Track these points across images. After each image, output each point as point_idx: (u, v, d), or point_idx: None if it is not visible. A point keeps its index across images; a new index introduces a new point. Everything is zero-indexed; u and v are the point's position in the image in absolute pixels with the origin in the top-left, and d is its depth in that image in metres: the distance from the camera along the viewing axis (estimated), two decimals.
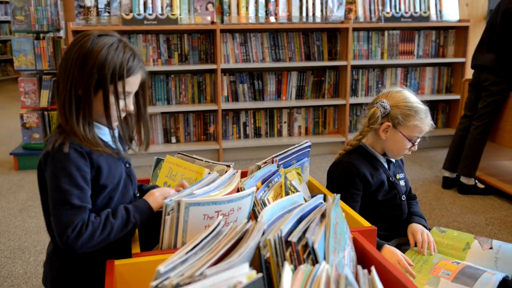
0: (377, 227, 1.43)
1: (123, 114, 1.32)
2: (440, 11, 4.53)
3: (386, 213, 1.80)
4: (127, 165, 1.39)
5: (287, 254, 0.98)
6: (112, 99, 1.25)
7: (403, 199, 1.83)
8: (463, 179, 3.45)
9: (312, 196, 1.43)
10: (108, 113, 1.27)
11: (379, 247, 1.62)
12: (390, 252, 1.62)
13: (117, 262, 1.20)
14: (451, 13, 4.55)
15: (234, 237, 1.01)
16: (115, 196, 1.32)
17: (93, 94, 1.24)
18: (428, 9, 4.50)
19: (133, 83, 1.29)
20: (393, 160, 1.86)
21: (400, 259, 1.59)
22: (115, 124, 1.32)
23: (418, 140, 1.79)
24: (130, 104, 1.32)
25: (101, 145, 1.27)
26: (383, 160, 1.83)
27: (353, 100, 4.45)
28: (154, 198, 1.33)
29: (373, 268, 0.93)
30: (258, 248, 1.01)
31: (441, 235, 1.74)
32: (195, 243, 0.97)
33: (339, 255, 1.05)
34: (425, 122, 1.76)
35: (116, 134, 1.36)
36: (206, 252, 0.96)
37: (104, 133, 1.32)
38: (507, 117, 3.30)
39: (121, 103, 1.28)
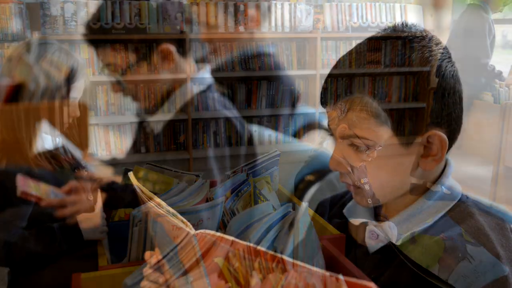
0: (344, 234, 1.44)
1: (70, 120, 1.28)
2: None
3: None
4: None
5: (256, 263, 0.98)
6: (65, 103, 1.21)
7: (369, 202, 1.85)
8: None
9: (282, 205, 1.44)
10: (59, 120, 1.22)
11: None
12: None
13: (84, 276, 1.17)
14: (416, 24, 4.66)
15: (203, 248, 1.00)
16: None
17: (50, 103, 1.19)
18: (394, 19, 4.60)
19: (80, 87, 1.27)
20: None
21: None
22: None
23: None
24: (77, 108, 1.28)
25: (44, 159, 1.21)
26: None
27: (323, 109, 4.48)
28: (94, 224, 1.30)
29: (341, 276, 0.93)
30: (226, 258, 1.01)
31: None
32: (163, 255, 0.96)
33: (307, 264, 1.05)
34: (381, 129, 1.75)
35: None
36: (174, 263, 0.95)
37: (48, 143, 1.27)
38: (470, 124, 3.39)
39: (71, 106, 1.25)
